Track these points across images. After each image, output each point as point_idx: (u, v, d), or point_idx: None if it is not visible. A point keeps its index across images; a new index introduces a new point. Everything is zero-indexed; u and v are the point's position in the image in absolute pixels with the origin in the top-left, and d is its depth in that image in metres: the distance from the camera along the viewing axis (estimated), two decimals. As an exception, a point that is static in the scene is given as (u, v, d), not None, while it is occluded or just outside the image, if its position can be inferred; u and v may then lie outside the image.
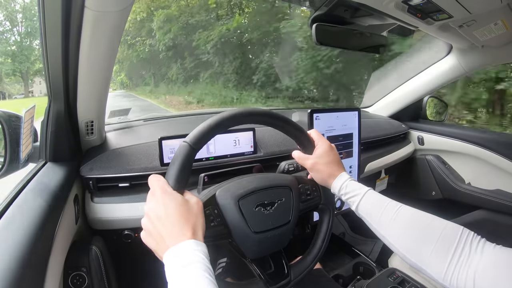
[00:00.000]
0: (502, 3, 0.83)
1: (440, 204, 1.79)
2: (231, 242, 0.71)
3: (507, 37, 1.17)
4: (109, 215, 0.92)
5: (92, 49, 0.71)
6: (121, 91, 24.29)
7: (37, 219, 0.63)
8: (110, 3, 0.62)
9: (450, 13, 0.88)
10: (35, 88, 24.99)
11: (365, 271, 1.50)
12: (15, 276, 0.48)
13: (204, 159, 1.05)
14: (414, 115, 1.95)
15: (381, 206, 0.69)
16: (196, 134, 0.64)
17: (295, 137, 0.81)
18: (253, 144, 1.13)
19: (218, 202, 0.69)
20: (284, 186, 0.77)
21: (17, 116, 0.77)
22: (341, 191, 0.75)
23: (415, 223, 0.64)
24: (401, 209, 0.67)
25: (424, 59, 1.69)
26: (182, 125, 1.47)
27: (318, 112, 1.10)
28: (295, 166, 1.08)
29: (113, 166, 0.96)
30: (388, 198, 0.71)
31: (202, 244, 0.53)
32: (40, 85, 23.73)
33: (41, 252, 0.59)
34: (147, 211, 0.57)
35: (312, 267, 0.81)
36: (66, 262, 0.78)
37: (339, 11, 0.92)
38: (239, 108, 0.71)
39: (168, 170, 0.62)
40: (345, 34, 1.01)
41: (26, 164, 0.83)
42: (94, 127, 0.98)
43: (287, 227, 0.74)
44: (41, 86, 23.53)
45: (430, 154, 1.83)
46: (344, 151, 1.21)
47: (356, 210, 0.73)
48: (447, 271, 0.54)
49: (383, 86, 1.98)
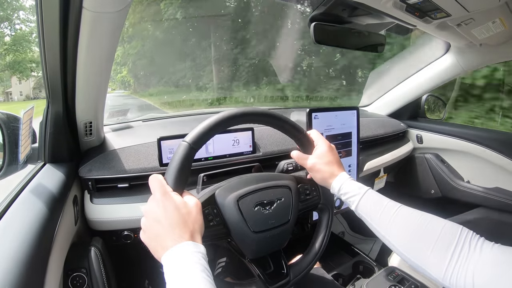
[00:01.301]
0: (500, 2, 0.83)
1: (439, 202, 1.80)
2: (230, 241, 0.71)
3: (505, 36, 1.17)
4: (109, 216, 0.92)
5: (90, 50, 0.71)
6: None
7: (36, 221, 0.62)
8: (108, 4, 0.62)
9: (448, 12, 0.88)
10: (14, 89, 19.86)
11: (364, 270, 1.50)
12: (15, 277, 0.48)
13: (203, 159, 1.05)
14: (412, 113, 1.95)
15: (380, 206, 0.69)
16: (196, 134, 0.64)
17: (294, 137, 0.80)
18: (252, 143, 1.13)
19: (217, 202, 0.69)
20: (283, 185, 0.77)
21: (16, 118, 0.77)
22: (340, 191, 0.75)
23: (414, 223, 0.64)
24: (401, 209, 0.67)
25: (422, 57, 1.69)
26: (180, 125, 1.47)
27: (317, 111, 1.10)
28: (294, 165, 1.08)
29: (112, 166, 0.95)
30: (387, 198, 0.71)
31: (200, 246, 0.53)
32: (20, 85, 19.24)
33: (40, 253, 0.59)
34: (146, 212, 0.58)
35: (312, 267, 0.81)
36: (66, 263, 0.78)
37: (337, 10, 0.92)
38: (238, 107, 0.71)
39: (168, 169, 0.62)
40: (344, 33, 1.01)
41: (25, 166, 0.83)
42: (92, 128, 0.98)
43: (286, 227, 0.74)
44: (21, 86, 19.27)
45: (429, 152, 1.83)
46: (343, 150, 1.21)
47: (355, 210, 0.73)
48: (446, 271, 0.55)
49: (381, 84, 1.98)
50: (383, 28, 1.10)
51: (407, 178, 1.93)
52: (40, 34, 0.68)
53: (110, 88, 10.33)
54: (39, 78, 18.65)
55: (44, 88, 0.84)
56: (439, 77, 1.64)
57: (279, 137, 1.22)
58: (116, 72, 11.78)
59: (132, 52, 11.03)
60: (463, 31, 1.09)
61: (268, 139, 1.21)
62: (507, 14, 0.96)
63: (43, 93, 1.37)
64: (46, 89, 0.82)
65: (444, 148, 1.78)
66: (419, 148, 1.88)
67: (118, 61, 11.24)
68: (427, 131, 1.84)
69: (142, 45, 10.74)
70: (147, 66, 11.32)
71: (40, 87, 18.73)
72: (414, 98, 1.83)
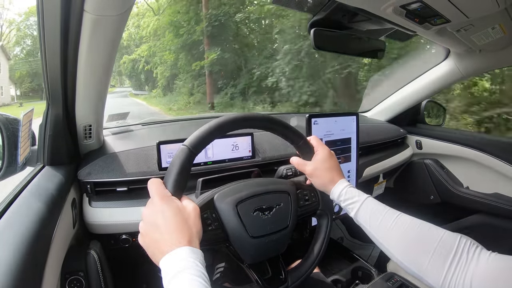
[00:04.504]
0: (500, 8, 0.83)
1: (438, 208, 1.80)
2: (228, 246, 0.71)
3: (505, 42, 1.17)
4: (107, 219, 0.92)
5: (90, 53, 0.71)
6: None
7: (34, 223, 0.62)
8: (109, 7, 0.62)
9: (447, 18, 0.88)
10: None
11: (363, 276, 1.50)
12: (12, 279, 0.47)
13: (202, 164, 1.05)
14: (412, 119, 1.95)
15: (380, 213, 0.69)
16: (196, 138, 0.64)
17: (294, 143, 0.81)
18: (251, 148, 1.13)
19: (216, 206, 0.69)
20: (283, 191, 0.77)
21: (15, 119, 0.77)
22: (340, 197, 0.75)
23: (413, 231, 0.64)
24: (400, 217, 0.67)
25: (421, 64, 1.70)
26: (180, 129, 1.47)
27: (316, 117, 1.10)
28: (294, 171, 1.08)
29: (111, 170, 0.95)
30: (387, 206, 0.71)
31: (198, 251, 0.53)
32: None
33: (38, 256, 0.58)
34: (144, 216, 0.58)
35: (310, 272, 0.81)
36: (64, 266, 0.77)
37: (337, 16, 0.93)
38: (238, 112, 0.71)
39: (167, 173, 0.62)
40: (343, 38, 1.01)
41: (24, 168, 0.83)
42: (92, 131, 0.98)
43: (285, 232, 0.74)
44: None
45: (428, 158, 1.83)
46: (342, 155, 1.21)
47: (355, 217, 0.73)
48: (444, 279, 0.55)
49: (381, 90, 1.99)
50: (383, 34, 1.11)
51: (406, 184, 1.92)
52: (40, 36, 0.68)
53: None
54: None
55: (44, 90, 0.84)
56: (439, 83, 1.64)
57: (278, 143, 1.22)
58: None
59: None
60: (463, 37, 1.09)
61: (267, 144, 1.21)
62: (506, 20, 0.96)
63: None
64: (46, 91, 0.82)
65: (444, 153, 1.78)
66: (419, 153, 1.88)
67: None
68: (426, 136, 1.84)
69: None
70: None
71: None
72: (414, 104, 1.83)
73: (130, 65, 28.49)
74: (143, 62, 23.78)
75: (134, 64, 27.46)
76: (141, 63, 24.27)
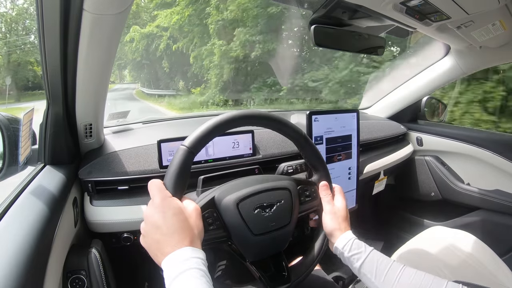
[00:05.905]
0: (500, 4, 0.83)
1: (439, 205, 1.80)
2: (230, 244, 0.71)
3: (505, 38, 1.17)
4: (108, 218, 0.92)
5: (90, 51, 0.71)
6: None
7: (36, 222, 0.62)
8: (108, 6, 0.62)
9: (448, 14, 0.88)
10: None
11: (365, 273, 1.50)
12: (14, 278, 0.48)
13: (203, 162, 1.05)
14: (412, 116, 1.95)
15: (386, 265, 0.71)
16: (195, 137, 0.64)
17: (292, 139, 0.81)
18: (252, 146, 1.13)
19: (217, 205, 0.69)
20: (283, 188, 0.76)
21: (16, 119, 0.77)
22: (346, 247, 0.76)
23: (417, 283, 0.67)
24: (405, 269, 0.69)
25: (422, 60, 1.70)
26: (181, 127, 1.47)
27: (317, 114, 1.10)
28: (294, 167, 1.08)
29: (112, 169, 0.95)
30: (390, 258, 0.74)
31: (199, 251, 0.54)
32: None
33: (40, 255, 0.59)
34: (146, 217, 0.58)
35: (312, 269, 0.81)
36: (65, 265, 0.78)
37: (337, 13, 0.92)
38: (237, 110, 0.71)
39: (166, 174, 0.62)
40: (344, 35, 1.01)
41: (25, 167, 0.83)
42: (92, 130, 0.98)
43: (286, 229, 0.74)
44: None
45: (429, 155, 1.83)
46: (343, 152, 1.21)
47: (359, 267, 0.74)
48: None
49: (381, 87, 1.99)
50: (383, 30, 1.10)
51: (407, 181, 1.92)
52: (40, 35, 0.68)
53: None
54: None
55: (44, 89, 0.84)
56: (439, 79, 1.64)
57: (279, 140, 1.22)
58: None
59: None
60: (463, 33, 1.09)
61: (268, 141, 1.21)
62: (507, 16, 0.96)
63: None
64: (46, 90, 0.82)
65: (444, 150, 1.78)
66: (419, 150, 1.88)
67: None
68: (427, 133, 1.84)
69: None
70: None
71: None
72: (414, 100, 1.83)
73: (143, 43, 18.20)
74: (165, 38, 15.86)
75: (149, 43, 17.99)
76: (163, 41, 16.10)
